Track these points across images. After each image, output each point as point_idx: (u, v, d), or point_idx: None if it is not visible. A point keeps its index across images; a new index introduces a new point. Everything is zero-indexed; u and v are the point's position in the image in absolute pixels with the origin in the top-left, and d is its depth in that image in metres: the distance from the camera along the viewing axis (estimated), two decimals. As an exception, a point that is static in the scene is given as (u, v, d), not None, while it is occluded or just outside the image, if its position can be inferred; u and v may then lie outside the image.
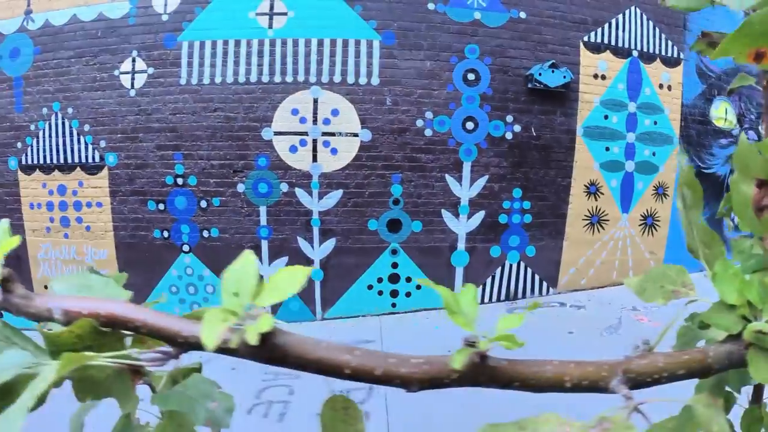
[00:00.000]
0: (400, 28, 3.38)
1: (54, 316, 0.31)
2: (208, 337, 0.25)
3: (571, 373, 0.28)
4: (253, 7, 3.29)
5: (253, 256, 0.30)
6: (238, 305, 0.27)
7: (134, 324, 0.29)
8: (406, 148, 3.44)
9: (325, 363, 0.28)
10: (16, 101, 3.77)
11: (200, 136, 3.38)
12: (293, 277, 0.28)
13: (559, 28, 3.79)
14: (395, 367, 0.28)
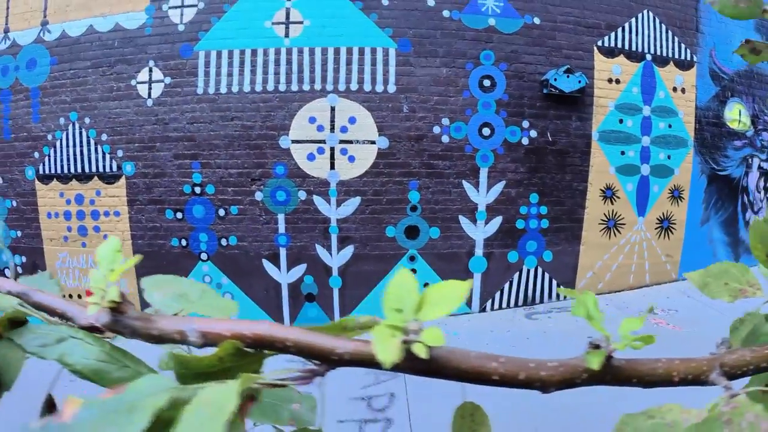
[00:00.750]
0: (415, 36, 3.39)
1: (188, 339, 0.30)
2: (385, 354, 0.26)
3: (678, 369, 0.31)
4: (269, 17, 3.31)
5: (412, 275, 0.30)
6: (401, 321, 0.28)
7: (283, 343, 0.29)
8: (423, 154, 3.44)
9: (478, 372, 0.29)
10: (33, 111, 3.79)
11: (218, 145, 3.39)
12: (454, 292, 0.29)
13: (573, 33, 3.79)
14: (536, 371, 0.29)
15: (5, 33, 3.81)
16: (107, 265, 0.34)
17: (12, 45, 3.80)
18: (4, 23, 3.82)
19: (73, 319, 0.34)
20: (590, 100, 3.85)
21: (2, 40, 3.83)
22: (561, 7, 3.74)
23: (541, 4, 3.67)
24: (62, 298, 0.37)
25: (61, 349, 0.33)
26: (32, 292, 0.37)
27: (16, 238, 4.01)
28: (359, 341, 0.29)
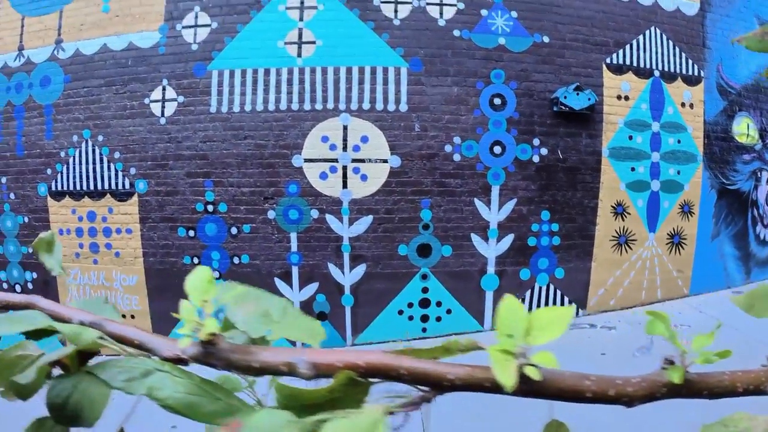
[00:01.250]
0: (426, 55, 3.41)
1: (298, 371, 0.30)
2: (505, 378, 0.27)
3: (741, 380, 0.32)
4: (282, 36, 3.34)
5: (518, 301, 0.32)
6: (512, 345, 0.29)
7: (397, 371, 0.30)
8: (435, 173, 3.45)
9: (575, 390, 0.30)
10: (46, 129, 3.82)
11: (230, 164, 3.41)
12: (560, 318, 0.31)
13: (582, 51, 3.82)
14: (623, 388, 0.31)
15: (20, 51, 3.85)
16: (199, 295, 0.33)
17: (26, 62, 3.84)
18: (19, 41, 3.86)
19: (154, 351, 0.34)
20: (600, 117, 3.86)
21: (17, 58, 3.86)
22: (570, 25, 3.77)
23: (550, 23, 3.70)
24: (140, 329, 0.36)
25: (148, 383, 0.32)
26: (105, 322, 0.36)
27: (27, 254, 4.02)
28: (469, 366, 0.30)
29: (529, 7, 3.63)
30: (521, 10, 3.61)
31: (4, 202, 4.06)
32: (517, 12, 3.60)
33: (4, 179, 4.03)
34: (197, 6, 3.41)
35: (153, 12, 3.47)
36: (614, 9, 3.95)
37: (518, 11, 3.60)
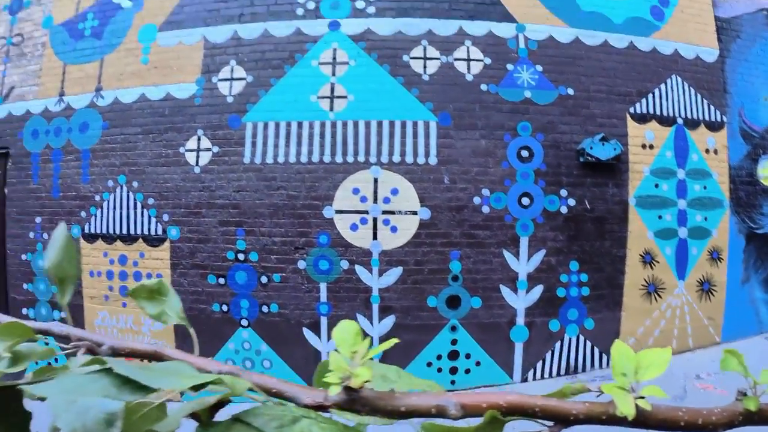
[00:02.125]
0: (455, 109, 3.49)
1: (449, 412, 0.34)
2: (627, 409, 0.32)
3: None
4: (314, 91, 3.44)
5: (627, 346, 0.37)
6: (626, 383, 0.34)
7: (533, 409, 0.34)
8: (464, 224, 3.48)
9: (672, 420, 0.34)
10: (82, 172, 3.93)
11: (263, 213, 3.47)
12: (661, 357, 0.36)
13: (606, 102, 3.87)
14: (708, 417, 0.35)
15: (60, 96, 4.01)
16: (349, 347, 0.38)
17: (66, 108, 3.98)
18: (60, 87, 4.02)
19: (294, 399, 0.36)
20: (625, 166, 3.89)
21: (57, 103, 4.01)
22: (593, 77, 3.84)
23: (574, 75, 3.77)
24: (278, 379, 0.38)
25: (298, 429, 0.33)
26: (245, 372, 0.38)
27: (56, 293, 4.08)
28: (588, 403, 0.35)
29: (553, 60, 3.72)
30: (546, 64, 3.69)
31: (37, 241, 4.16)
32: (542, 66, 3.68)
33: (38, 219, 4.13)
34: (233, 60, 3.54)
35: (190, 64, 3.60)
36: (635, 59, 4.02)
37: (543, 65, 3.68)
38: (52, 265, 0.48)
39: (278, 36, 3.50)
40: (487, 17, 3.59)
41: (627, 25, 4.02)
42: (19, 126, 4.18)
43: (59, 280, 0.48)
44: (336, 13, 3.49)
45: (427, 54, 3.48)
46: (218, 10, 3.58)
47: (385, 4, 3.50)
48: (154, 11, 3.70)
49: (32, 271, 4.19)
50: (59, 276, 0.48)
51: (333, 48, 3.44)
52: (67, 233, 0.50)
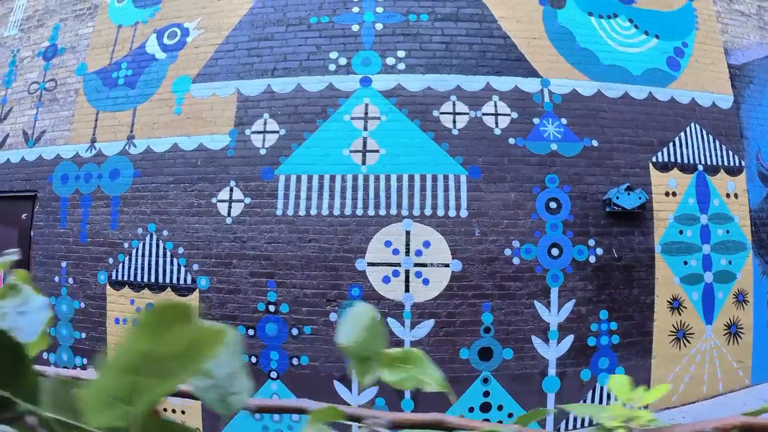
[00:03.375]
0: (484, 163, 3.57)
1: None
2: None
3: None
4: (347, 145, 3.52)
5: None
6: None
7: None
8: (495, 276, 3.51)
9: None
10: (111, 219, 3.97)
11: (294, 265, 3.49)
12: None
13: (629, 152, 3.97)
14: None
15: (92, 143, 4.08)
16: (626, 397, 0.42)
17: (97, 154, 4.05)
18: (92, 133, 4.09)
19: None
20: (650, 214, 3.96)
21: (88, 149, 4.08)
22: (616, 128, 3.95)
23: (598, 127, 3.88)
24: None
25: None
26: None
27: (79, 339, 4.06)
28: None
29: (577, 113, 3.83)
30: (570, 117, 3.80)
31: (62, 285, 4.16)
32: (567, 119, 3.79)
33: (64, 264, 4.14)
34: (266, 113, 3.63)
35: (224, 117, 3.69)
36: (655, 110, 4.14)
37: (567, 118, 3.79)
38: (355, 343, 0.45)
39: (311, 91, 3.60)
40: (512, 73, 3.71)
41: (645, 76, 4.15)
42: (48, 170, 4.24)
43: (361, 359, 0.46)
44: (367, 69, 3.60)
45: (456, 109, 3.58)
46: (252, 64, 3.69)
47: (415, 61, 3.62)
48: (188, 63, 3.81)
49: (56, 315, 4.17)
50: (363, 355, 0.46)
51: (365, 103, 3.54)
52: (374, 313, 0.47)
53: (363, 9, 3.68)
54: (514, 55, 3.75)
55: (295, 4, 3.71)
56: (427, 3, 3.72)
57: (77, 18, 4.25)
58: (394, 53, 3.62)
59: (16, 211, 4.51)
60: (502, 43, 3.75)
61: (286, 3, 3.72)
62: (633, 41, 4.20)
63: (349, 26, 3.65)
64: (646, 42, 4.25)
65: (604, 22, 4.10)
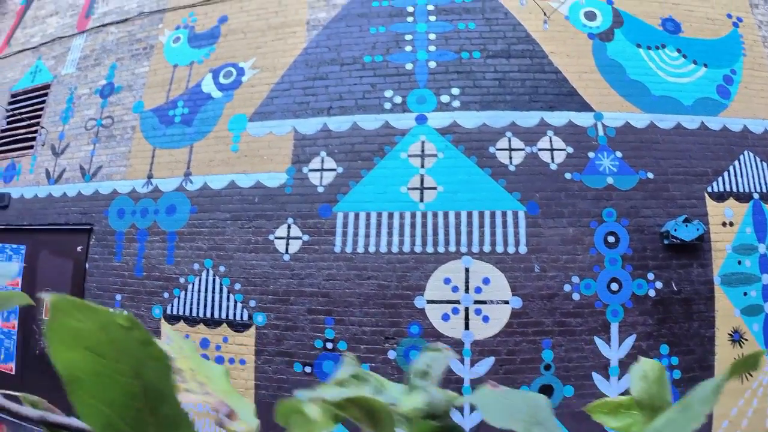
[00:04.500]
0: (542, 198, 3.58)
1: None
2: None
3: None
4: (404, 182, 3.57)
5: None
6: None
7: None
8: (555, 313, 3.49)
9: None
10: (168, 254, 4.06)
11: (353, 303, 3.52)
12: None
13: (684, 183, 3.95)
14: None
15: (148, 179, 4.19)
16: None
17: (154, 190, 4.16)
18: (148, 169, 4.21)
19: None
20: (708, 245, 3.91)
21: (145, 185, 4.20)
22: (670, 159, 3.93)
23: (652, 159, 3.87)
24: None
25: None
26: None
27: (131, 374, 4.11)
28: None
29: (631, 146, 3.83)
30: (625, 150, 3.80)
31: None
32: (622, 152, 3.79)
33: (118, 297, 4.24)
34: (323, 151, 3.70)
35: (281, 154, 3.77)
36: (708, 139, 4.12)
37: (622, 151, 3.79)
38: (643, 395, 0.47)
39: (367, 129, 3.67)
40: (566, 107, 3.74)
41: (696, 106, 4.15)
42: (105, 204, 4.37)
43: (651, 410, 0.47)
44: (422, 107, 3.66)
45: (512, 145, 3.61)
46: (307, 103, 3.78)
47: (469, 98, 3.68)
48: (244, 102, 3.92)
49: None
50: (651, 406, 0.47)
51: (421, 141, 3.60)
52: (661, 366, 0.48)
53: (416, 48, 3.76)
54: (566, 90, 3.79)
55: (349, 44, 3.80)
56: (479, 40, 3.79)
57: (133, 57, 4.42)
58: (449, 91, 3.68)
59: (72, 244, 4.64)
60: (554, 78, 3.79)
61: (339, 43, 3.82)
62: (682, 71, 4.21)
63: (403, 65, 3.73)
64: (695, 71, 4.25)
65: (652, 53, 4.12)
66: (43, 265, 4.92)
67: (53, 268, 4.81)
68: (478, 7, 3.88)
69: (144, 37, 4.41)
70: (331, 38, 3.84)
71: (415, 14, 3.85)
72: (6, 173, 5.07)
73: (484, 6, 3.87)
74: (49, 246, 4.83)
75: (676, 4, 4.33)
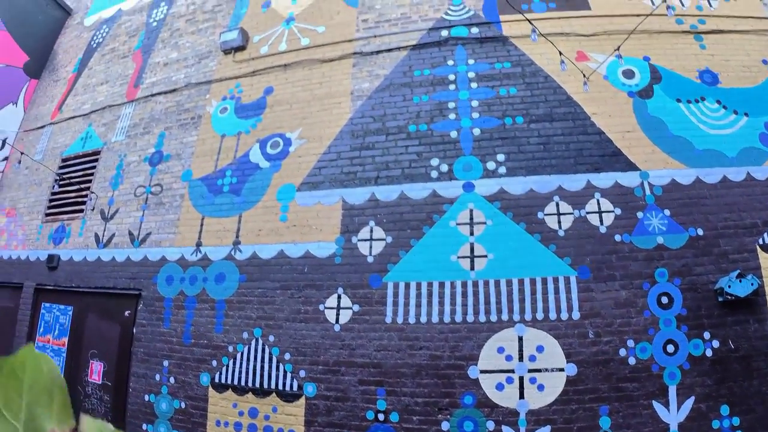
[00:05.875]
0: (593, 262, 3.61)
1: None
2: None
3: None
4: (454, 251, 3.64)
5: None
6: None
7: None
8: (611, 378, 3.48)
9: None
10: (216, 322, 4.17)
11: (404, 373, 3.57)
12: None
13: (734, 237, 3.93)
14: None
15: (197, 246, 4.35)
16: None
17: (203, 258, 4.30)
18: (197, 237, 4.37)
19: None
20: (763, 299, 3.87)
21: (194, 253, 4.35)
22: (718, 213, 3.93)
23: (701, 215, 3.88)
24: None
25: None
26: None
27: (180, 438, 4.19)
28: None
29: (679, 203, 3.85)
30: (673, 207, 3.82)
31: (162, 384, 4.35)
32: (670, 209, 3.81)
33: (166, 363, 4.35)
34: (372, 221, 3.81)
35: (329, 224, 3.89)
36: (755, 190, 4.11)
37: (670, 209, 3.82)
38: None
39: (415, 198, 3.77)
40: (611, 168, 3.80)
41: (741, 157, 4.16)
42: (153, 270, 4.52)
43: None
44: (469, 174, 3.76)
45: (560, 209, 3.67)
46: (355, 172, 3.91)
47: (515, 164, 3.76)
48: (292, 172, 4.07)
49: (154, 413, 4.35)
50: None
51: (469, 209, 3.68)
52: None
53: (459, 115, 3.88)
54: (610, 150, 3.85)
55: (393, 114, 3.94)
56: (521, 105, 3.89)
57: (181, 127, 4.62)
58: (494, 157, 3.77)
59: (120, 308, 4.80)
60: (597, 140, 3.86)
61: (383, 113, 3.96)
62: (723, 122, 4.24)
63: (448, 133, 3.85)
64: (737, 121, 4.28)
65: (692, 106, 4.16)
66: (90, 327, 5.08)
67: (100, 330, 4.96)
68: (518, 72, 3.99)
69: (192, 107, 4.62)
70: (375, 108, 3.98)
71: (456, 82, 3.98)
72: (56, 235, 5.31)
73: (524, 71, 3.98)
74: (96, 309, 4.99)
75: (711, 54, 4.38)
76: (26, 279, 5.48)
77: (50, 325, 5.36)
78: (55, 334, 5.29)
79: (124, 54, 5.82)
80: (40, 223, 5.51)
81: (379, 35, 4.36)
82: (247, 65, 4.63)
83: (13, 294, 5.72)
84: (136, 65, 5.41)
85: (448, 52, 4.17)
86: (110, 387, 4.76)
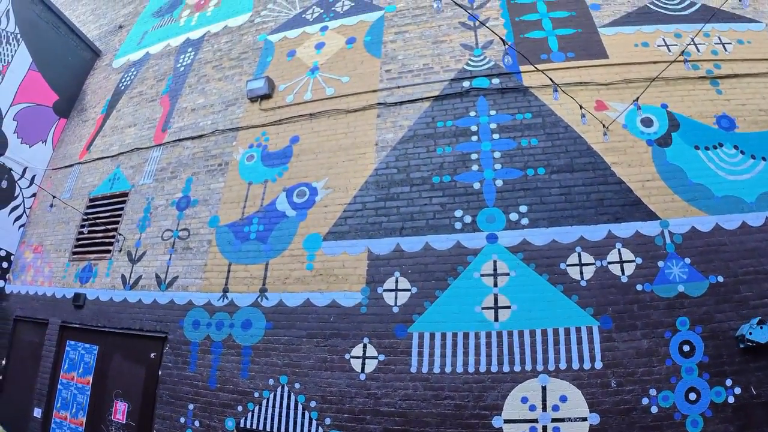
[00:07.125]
0: (615, 312, 3.78)
1: None
2: None
3: None
4: (478, 302, 3.83)
5: None
6: None
7: None
8: (634, 427, 3.64)
9: None
10: (242, 368, 4.37)
11: (429, 423, 3.75)
12: None
13: (755, 283, 4.08)
14: None
15: (224, 292, 4.56)
16: None
17: (229, 304, 4.52)
18: (224, 283, 4.59)
19: None
20: (784, 345, 4.00)
21: (221, 299, 4.56)
22: (738, 260, 4.08)
23: (721, 262, 4.04)
24: None
25: None
26: None
27: (209, 478, 4.37)
28: None
29: (699, 251, 4.01)
30: (693, 255, 3.98)
31: (187, 427, 4.55)
32: (690, 258, 3.97)
33: (191, 406, 4.55)
34: (397, 272, 4.01)
35: (355, 274, 4.09)
36: (775, 233, 4.25)
37: (690, 257, 3.98)
38: None
39: (439, 249, 3.97)
40: (632, 218, 3.97)
41: (759, 201, 4.31)
42: (180, 314, 4.75)
43: None
44: (492, 226, 3.95)
45: (582, 260, 3.85)
46: (380, 223, 4.11)
47: (537, 215, 3.95)
48: (318, 221, 4.28)
49: (182, 453, 4.54)
50: None
51: (493, 260, 3.87)
52: None
53: (482, 167, 4.08)
54: (631, 200, 4.02)
55: (417, 165, 4.14)
56: (542, 157, 4.08)
57: (209, 173, 4.86)
58: (517, 208, 3.97)
59: (146, 350, 5.02)
60: (618, 189, 4.04)
61: (407, 164, 4.17)
62: (742, 167, 4.40)
63: (471, 184, 4.05)
64: (755, 166, 4.43)
65: (711, 153, 4.33)
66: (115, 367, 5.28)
67: (125, 371, 5.17)
68: (539, 123, 4.19)
69: (219, 153, 4.85)
70: (399, 159, 4.19)
71: (479, 133, 4.18)
72: (82, 274, 5.56)
73: (544, 122, 4.18)
74: (122, 349, 5.21)
75: (728, 100, 4.55)
76: (52, 315, 5.73)
77: (75, 362, 5.59)
78: (80, 372, 5.52)
79: (152, 98, 6.09)
80: (67, 261, 5.77)
81: (402, 86, 4.58)
82: (273, 113, 4.86)
83: (38, 330, 5.97)
84: (164, 109, 5.67)
85: (470, 102, 4.38)
86: (134, 427, 4.96)
